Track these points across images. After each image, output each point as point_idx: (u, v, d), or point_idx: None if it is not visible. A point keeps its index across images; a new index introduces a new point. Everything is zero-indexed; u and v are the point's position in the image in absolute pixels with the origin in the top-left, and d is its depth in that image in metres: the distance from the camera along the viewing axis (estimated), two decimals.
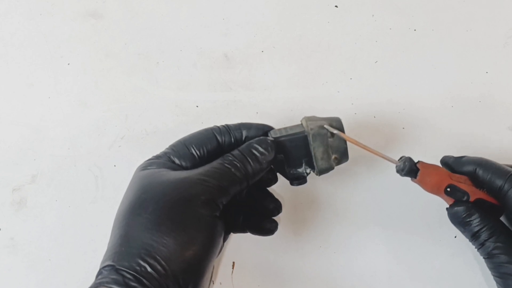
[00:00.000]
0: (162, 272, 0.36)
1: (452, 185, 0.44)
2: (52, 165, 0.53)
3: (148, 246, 0.36)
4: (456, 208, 0.44)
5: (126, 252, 0.36)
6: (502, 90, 0.55)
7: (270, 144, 0.43)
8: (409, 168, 0.43)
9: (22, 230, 0.51)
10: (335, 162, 0.45)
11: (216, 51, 0.57)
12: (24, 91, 0.56)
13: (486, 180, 0.44)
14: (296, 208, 0.52)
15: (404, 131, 0.54)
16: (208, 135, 0.44)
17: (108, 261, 0.37)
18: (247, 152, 0.42)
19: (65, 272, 0.49)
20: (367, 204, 0.51)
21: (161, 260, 0.36)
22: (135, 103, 0.56)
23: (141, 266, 0.35)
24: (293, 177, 0.45)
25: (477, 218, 0.43)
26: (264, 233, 0.45)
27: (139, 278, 0.35)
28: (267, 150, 0.42)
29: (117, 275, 0.35)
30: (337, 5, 0.58)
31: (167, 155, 0.43)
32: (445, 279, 0.49)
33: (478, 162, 0.45)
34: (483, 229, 0.43)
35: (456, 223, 0.45)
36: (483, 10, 0.58)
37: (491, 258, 0.43)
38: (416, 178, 0.44)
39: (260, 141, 0.43)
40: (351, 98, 0.55)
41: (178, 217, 0.38)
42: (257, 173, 0.42)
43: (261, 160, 0.42)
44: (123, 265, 0.36)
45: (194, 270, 0.37)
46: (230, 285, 0.49)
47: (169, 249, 0.36)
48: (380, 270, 0.49)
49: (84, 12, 0.59)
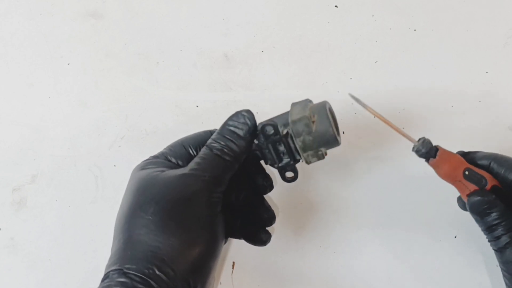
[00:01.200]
0: (171, 274, 0.36)
1: (470, 169, 0.43)
2: (52, 165, 0.53)
3: (154, 248, 0.36)
4: (479, 198, 0.43)
5: (132, 256, 0.36)
6: (502, 90, 0.55)
7: (246, 115, 0.42)
8: (429, 149, 0.43)
9: (22, 230, 0.51)
10: (323, 153, 0.43)
11: (216, 51, 0.57)
12: (24, 91, 0.56)
13: (501, 174, 0.44)
14: (296, 208, 0.52)
15: (404, 131, 0.54)
16: (206, 136, 0.44)
17: (114, 265, 0.36)
18: (226, 131, 0.42)
19: (65, 272, 0.49)
20: (367, 204, 0.51)
21: (168, 261, 0.36)
22: (135, 103, 0.56)
23: (149, 269, 0.35)
24: (282, 168, 0.44)
25: (497, 211, 0.42)
26: (257, 243, 0.45)
27: (147, 280, 0.35)
28: (245, 123, 0.42)
29: (125, 278, 0.35)
30: (337, 5, 0.58)
31: (164, 155, 0.43)
32: (445, 279, 0.49)
33: (492, 157, 0.45)
34: (502, 223, 0.42)
35: (474, 211, 0.44)
36: (483, 10, 0.58)
37: (503, 253, 0.42)
38: (434, 158, 0.43)
39: (235, 116, 0.42)
40: (351, 98, 0.55)
41: (180, 217, 0.38)
42: (244, 149, 0.42)
43: (243, 134, 0.41)
44: (131, 268, 0.35)
45: (201, 269, 0.37)
46: (230, 285, 0.49)
47: (175, 249, 0.36)
48: (380, 270, 0.49)
49: (84, 12, 0.59)
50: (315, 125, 0.42)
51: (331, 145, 0.43)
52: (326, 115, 0.42)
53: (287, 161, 0.44)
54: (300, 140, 0.42)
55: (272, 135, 0.43)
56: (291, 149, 0.43)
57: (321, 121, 0.42)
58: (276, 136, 0.43)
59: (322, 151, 0.42)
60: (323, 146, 0.42)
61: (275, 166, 0.44)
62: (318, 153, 0.42)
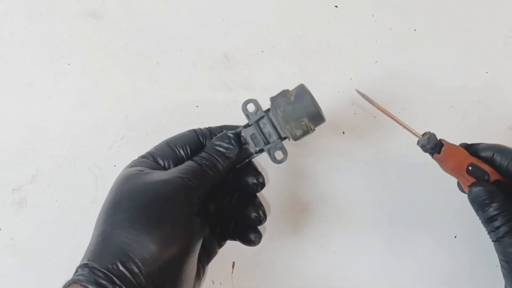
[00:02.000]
0: (135, 271, 0.35)
1: (474, 164, 0.44)
2: (52, 165, 0.53)
3: (122, 244, 0.36)
4: (480, 188, 0.43)
5: (100, 251, 0.37)
6: (502, 90, 0.55)
7: (232, 137, 0.44)
8: (434, 143, 0.43)
9: (22, 230, 0.51)
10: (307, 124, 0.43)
11: (216, 51, 0.57)
12: (24, 91, 0.56)
13: (504, 165, 0.44)
14: (296, 208, 0.52)
15: (404, 131, 0.54)
16: (191, 136, 0.45)
17: (84, 259, 0.37)
18: (213, 150, 0.43)
19: (65, 272, 0.49)
20: (367, 204, 0.51)
21: (135, 258, 0.36)
22: (135, 103, 0.56)
23: (113, 264, 0.35)
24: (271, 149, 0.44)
25: (498, 202, 0.42)
26: (248, 244, 0.45)
27: (109, 276, 0.35)
28: (231, 144, 0.43)
29: (89, 273, 0.35)
30: (337, 5, 0.58)
31: (151, 155, 0.44)
32: (445, 279, 0.49)
33: (496, 148, 0.45)
34: (501, 214, 0.42)
35: (475, 203, 0.44)
36: (483, 10, 0.58)
37: (501, 242, 0.42)
38: (439, 153, 0.44)
39: (221, 137, 0.44)
40: (351, 98, 0.55)
41: (153, 215, 0.37)
42: (228, 167, 0.43)
43: (228, 154, 0.43)
44: (96, 264, 0.36)
45: (171, 269, 0.37)
46: (230, 285, 0.49)
47: (143, 247, 0.36)
48: (380, 270, 0.49)
49: (84, 12, 0.58)
50: (294, 97, 0.43)
51: (312, 116, 0.43)
52: (304, 89, 0.43)
53: (274, 140, 0.44)
54: (280, 111, 0.43)
55: (254, 112, 0.44)
56: (275, 127, 0.44)
57: (300, 93, 0.43)
58: (258, 111, 0.44)
59: (305, 121, 0.43)
60: (305, 117, 0.43)
61: (265, 149, 0.45)
62: (301, 123, 0.43)
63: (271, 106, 0.44)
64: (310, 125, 0.43)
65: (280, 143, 0.44)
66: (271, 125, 0.44)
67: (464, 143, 0.47)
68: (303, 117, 0.43)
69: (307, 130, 0.43)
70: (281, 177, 0.47)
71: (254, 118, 0.44)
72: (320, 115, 0.43)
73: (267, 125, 0.44)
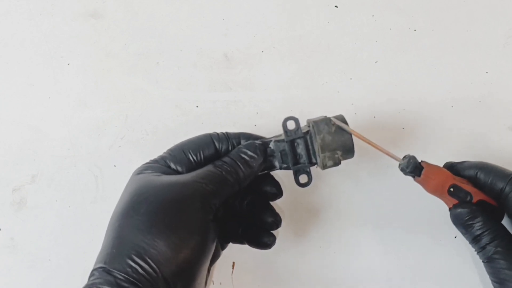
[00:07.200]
0: (153, 275, 0.36)
1: (455, 185, 0.44)
2: (52, 165, 0.53)
3: (138, 248, 0.36)
4: (460, 210, 0.43)
5: (117, 254, 0.37)
6: (502, 90, 0.55)
7: (259, 147, 0.43)
8: (413, 167, 0.43)
9: (22, 230, 0.51)
10: (339, 157, 0.44)
11: (216, 51, 0.57)
12: (24, 91, 0.56)
13: (488, 183, 0.44)
14: (296, 208, 0.52)
15: (404, 131, 0.54)
16: (206, 140, 0.44)
17: (100, 263, 0.37)
18: (237, 157, 0.43)
19: (65, 272, 0.49)
20: (367, 204, 0.51)
21: (151, 262, 0.36)
22: (135, 103, 0.56)
23: (132, 268, 0.35)
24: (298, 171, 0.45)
25: (480, 221, 0.43)
26: (261, 247, 0.45)
27: (130, 280, 0.35)
28: (256, 153, 0.43)
29: (109, 276, 0.35)
30: (337, 5, 0.58)
31: (163, 159, 0.43)
32: (445, 279, 0.49)
33: (479, 166, 0.45)
34: (485, 233, 0.42)
35: (458, 224, 0.44)
36: (483, 10, 0.58)
37: (490, 263, 0.42)
38: (419, 177, 0.44)
39: (248, 145, 0.43)
40: (351, 98, 0.55)
41: (170, 219, 0.37)
42: (249, 176, 0.43)
43: (251, 163, 0.42)
44: (115, 267, 0.36)
45: (185, 273, 0.37)
46: (230, 285, 0.49)
47: (159, 251, 0.36)
48: (380, 270, 0.49)
49: (84, 12, 0.58)
50: (335, 127, 0.43)
51: (347, 151, 0.43)
52: (345, 122, 0.43)
53: (303, 163, 0.44)
54: (320, 138, 0.43)
55: (293, 131, 0.44)
56: (308, 150, 0.44)
57: (341, 126, 0.43)
58: (297, 131, 0.44)
59: (339, 154, 0.43)
60: (340, 150, 0.43)
61: (292, 169, 0.44)
62: (335, 156, 0.43)
63: (312, 130, 0.43)
64: (341, 158, 0.43)
65: (308, 168, 0.44)
66: (305, 147, 0.44)
67: (449, 162, 0.47)
68: (338, 149, 0.43)
69: (337, 163, 0.44)
70: (282, 178, 0.47)
71: (292, 136, 0.44)
72: (353, 152, 0.44)
73: (301, 146, 0.44)
